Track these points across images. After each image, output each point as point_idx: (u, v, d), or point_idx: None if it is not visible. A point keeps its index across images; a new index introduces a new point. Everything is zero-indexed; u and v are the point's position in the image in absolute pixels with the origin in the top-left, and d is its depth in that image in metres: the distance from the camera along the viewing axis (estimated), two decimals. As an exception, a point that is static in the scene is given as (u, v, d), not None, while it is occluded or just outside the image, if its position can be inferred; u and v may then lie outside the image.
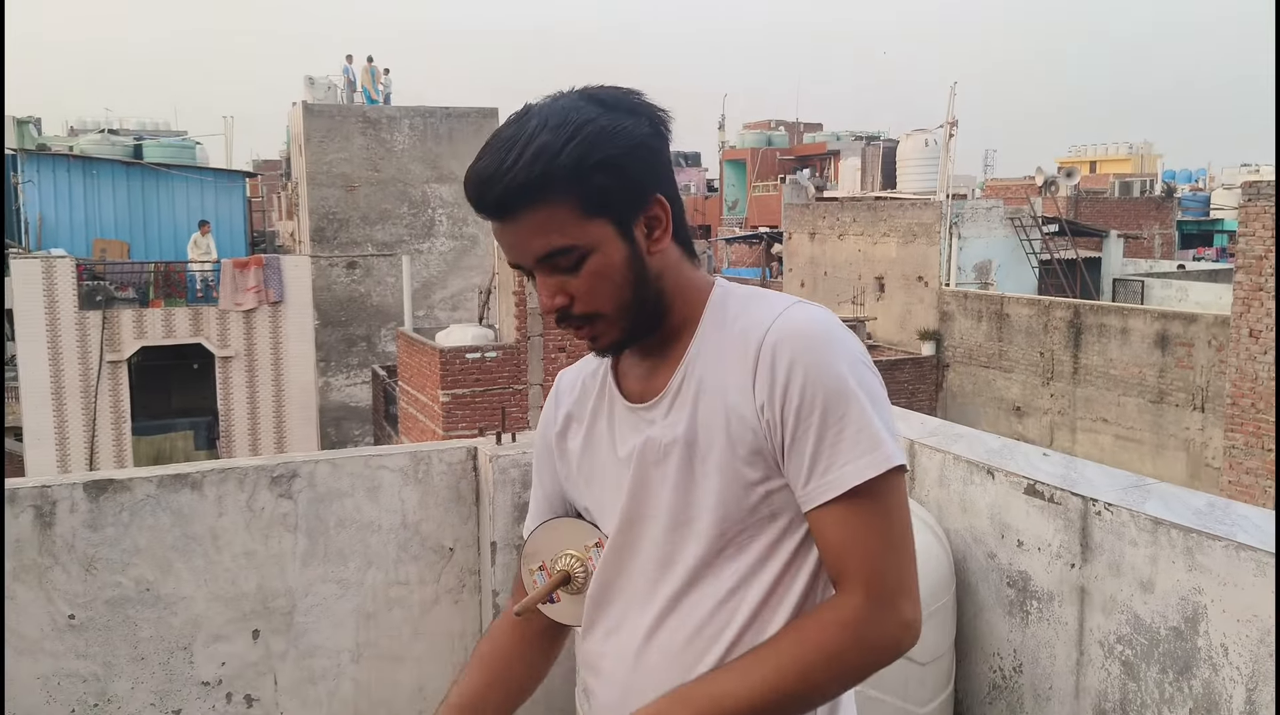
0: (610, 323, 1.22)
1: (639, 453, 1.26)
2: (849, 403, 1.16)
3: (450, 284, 23.68)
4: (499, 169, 1.15)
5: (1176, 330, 15.37)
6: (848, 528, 1.16)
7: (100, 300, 16.72)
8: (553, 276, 1.20)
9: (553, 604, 1.36)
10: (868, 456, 1.15)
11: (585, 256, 1.18)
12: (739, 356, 1.19)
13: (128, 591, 2.73)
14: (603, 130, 1.16)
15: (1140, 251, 28.17)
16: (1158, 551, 2.22)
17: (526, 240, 1.18)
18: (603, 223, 1.18)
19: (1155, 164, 47.80)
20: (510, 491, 2.99)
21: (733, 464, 1.20)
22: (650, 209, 1.21)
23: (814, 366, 1.16)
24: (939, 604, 2.58)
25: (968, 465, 2.74)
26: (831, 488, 1.16)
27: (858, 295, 21.10)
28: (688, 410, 1.22)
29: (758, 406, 1.17)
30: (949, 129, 20.80)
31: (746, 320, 1.21)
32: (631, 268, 1.20)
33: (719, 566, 1.22)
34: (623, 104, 1.20)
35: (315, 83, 23.96)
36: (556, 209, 1.16)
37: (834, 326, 1.20)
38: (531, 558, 1.39)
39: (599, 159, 1.15)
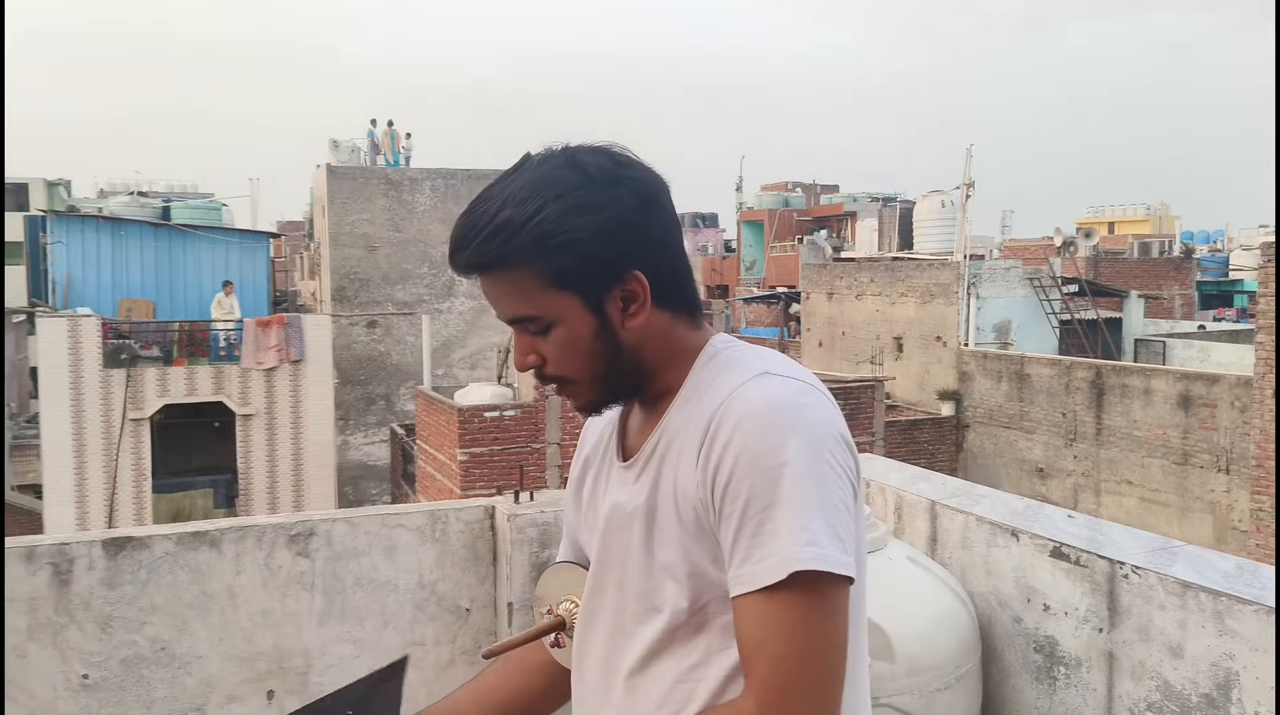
0: (582, 387, 1.22)
1: (608, 515, 1.26)
2: (781, 492, 1.07)
3: (469, 343, 23.81)
4: (465, 235, 1.16)
5: (1200, 391, 15.24)
6: (757, 627, 1.08)
7: (125, 358, 16.88)
8: (525, 336, 1.20)
9: (558, 648, 1.37)
10: (792, 551, 1.06)
11: (550, 326, 1.18)
12: (696, 428, 1.15)
13: (143, 651, 2.71)
14: (570, 210, 1.14)
15: (1161, 312, 28.06)
16: (1187, 616, 2.18)
17: (496, 300, 1.19)
18: (569, 295, 1.16)
19: (1173, 225, 47.88)
20: (528, 551, 2.97)
21: (684, 540, 1.16)
22: (626, 285, 1.17)
23: (750, 448, 1.09)
24: (964, 669, 2.52)
25: (991, 527, 2.70)
26: (744, 581, 1.09)
27: (876, 355, 21.07)
28: (651, 478, 1.20)
29: (698, 482, 1.13)
30: (965, 190, 20.92)
31: (713, 389, 1.17)
32: (601, 341, 1.18)
33: (676, 645, 1.19)
34: (606, 175, 1.16)
35: (339, 146, 24.40)
36: (520, 278, 1.16)
37: (794, 404, 1.12)
38: (540, 601, 1.41)
39: (561, 241, 1.13)
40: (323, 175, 23.52)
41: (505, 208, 1.14)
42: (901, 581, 2.56)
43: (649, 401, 1.25)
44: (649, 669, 1.20)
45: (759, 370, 1.15)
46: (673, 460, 1.18)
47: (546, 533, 3.00)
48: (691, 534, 1.15)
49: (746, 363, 1.18)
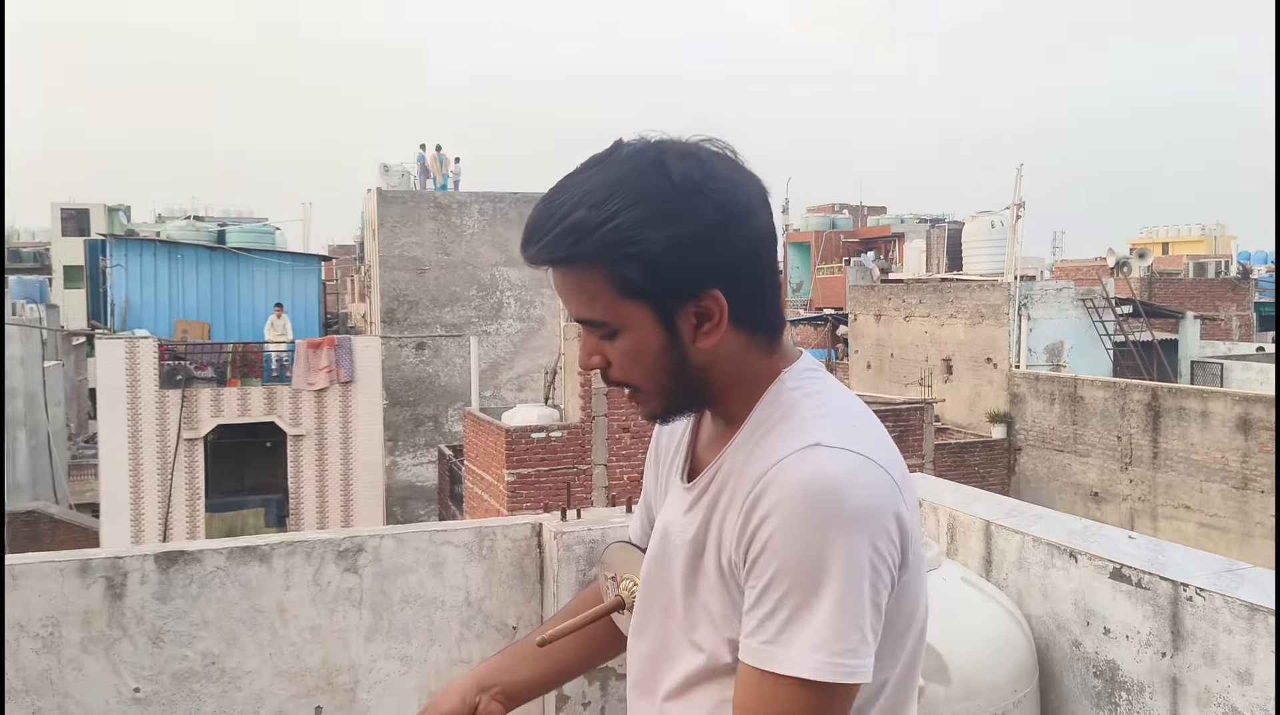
0: (647, 396, 1.17)
1: (662, 535, 1.24)
2: (811, 587, 1.02)
3: (517, 365, 23.95)
4: (537, 229, 1.11)
5: (1259, 414, 14.86)
6: (752, 697, 1.06)
7: (180, 379, 17.20)
8: (592, 337, 1.16)
9: (620, 615, 1.39)
10: (798, 654, 1.02)
11: (616, 333, 1.12)
12: (745, 483, 1.10)
13: (193, 665, 2.73)
14: (646, 219, 1.06)
15: (1217, 333, 27.47)
16: (1255, 640, 2.10)
17: (566, 296, 1.14)
18: (638, 305, 1.10)
19: (1229, 245, 46.86)
20: (575, 569, 2.95)
21: (720, 586, 1.14)
22: (701, 302, 1.10)
23: (786, 531, 1.03)
24: (1022, 694, 2.46)
25: (1048, 548, 2.64)
26: (749, 653, 1.06)
27: (925, 377, 20.83)
28: (702, 516, 1.17)
29: (734, 542, 1.10)
30: (1015, 210, 20.68)
31: (768, 442, 1.11)
32: (668, 355, 1.12)
33: (713, 679, 1.17)
34: (690, 183, 1.08)
35: (390, 170, 24.76)
36: (589, 281, 1.10)
37: (846, 487, 1.03)
38: (608, 566, 1.42)
39: (631, 252, 1.07)
40: (373, 199, 23.86)
41: (580, 207, 1.08)
42: (956, 603, 2.50)
43: (720, 419, 1.21)
44: (687, 696, 1.19)
45: (812, 440, 1.07)
46: (723, 506, 1.14)
47: (593, 551, 2.98)
48: (728, 586, 1.13)
49: (806, 420, 1.10)
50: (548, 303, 23.99)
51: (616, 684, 2.92)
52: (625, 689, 1.33)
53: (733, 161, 1.13)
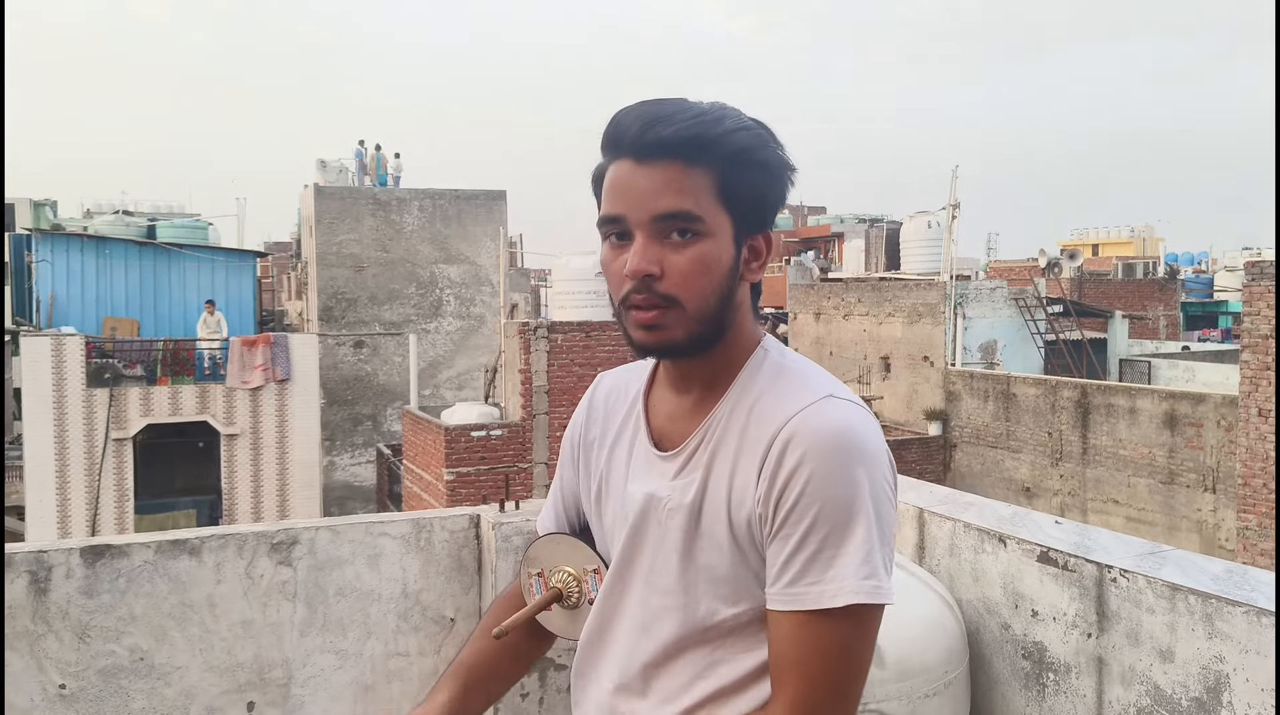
0: (681, 318, 1.15)
1: (643, 504, 1.23)
2: (849, 522, 1.09)
3: (457, 363, 23.77)
4: (677, 111, 1.13)
5: (1185, 410, 15.30)
6: (798, 645, 1.09)
7: (108, 378, 16.77)
8: (656, 243, 1.13)
9: (548, 613, 1.40)
10: (852, 583, 1.08)
11: (700, 236, 1.14)
12: (755, 439, 1.14)
13: (121, 661, 2.67)
14: (773, 139, 1.19)
15: (1145, 333, 28.22)
16: (1176, 619, 2.17)
17: (656, 193, 1.12)
18: (727, 217, 1.15)
19: (1157, 247, 48.17)
20: (513, 560, 2.94)
21: (730, 547, 1.15)
22: (757, 239, 1.19)
23: (824, 474, 1.09)
24: (952, 676, 2.50)
25: (979, 533, 2.69)
26: (793, 599, 1.10)
27: (863, 375, 21.10)
28: (699, 477, 1.18)
29: (757, 496, 1.12)
30: (951, 211, 21.04)
31: (772, 399, 1.16)
32: (729, 276, 1.17)
33: (700, 645, 1.18)
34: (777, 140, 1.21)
35: (327, 165, 24.41)
36: (698, 177, 1.13)
37: (863, 433, 1.12)
38: (532, 563, 1.41)
39: (760, 158, 1.16)
40: (310, 195, 23.51)
41: (723, 110, 1.16)
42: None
43: (689, 386, 1.23)
44: (670, 664, 1.20)
45: (824, 392, 1.14)
46: (725, 465, 1.16)
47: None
48: (740, 544, 1.15)
49: (807, 378, 1.18)
50: (487, 301, 23.84)
51: (555, 674, 2.91)
52: (563, 680, 1.34)
53: None
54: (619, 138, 1.14)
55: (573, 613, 1.38)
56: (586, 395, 1.40)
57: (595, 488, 1.34)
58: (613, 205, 1.15)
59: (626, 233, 1.15)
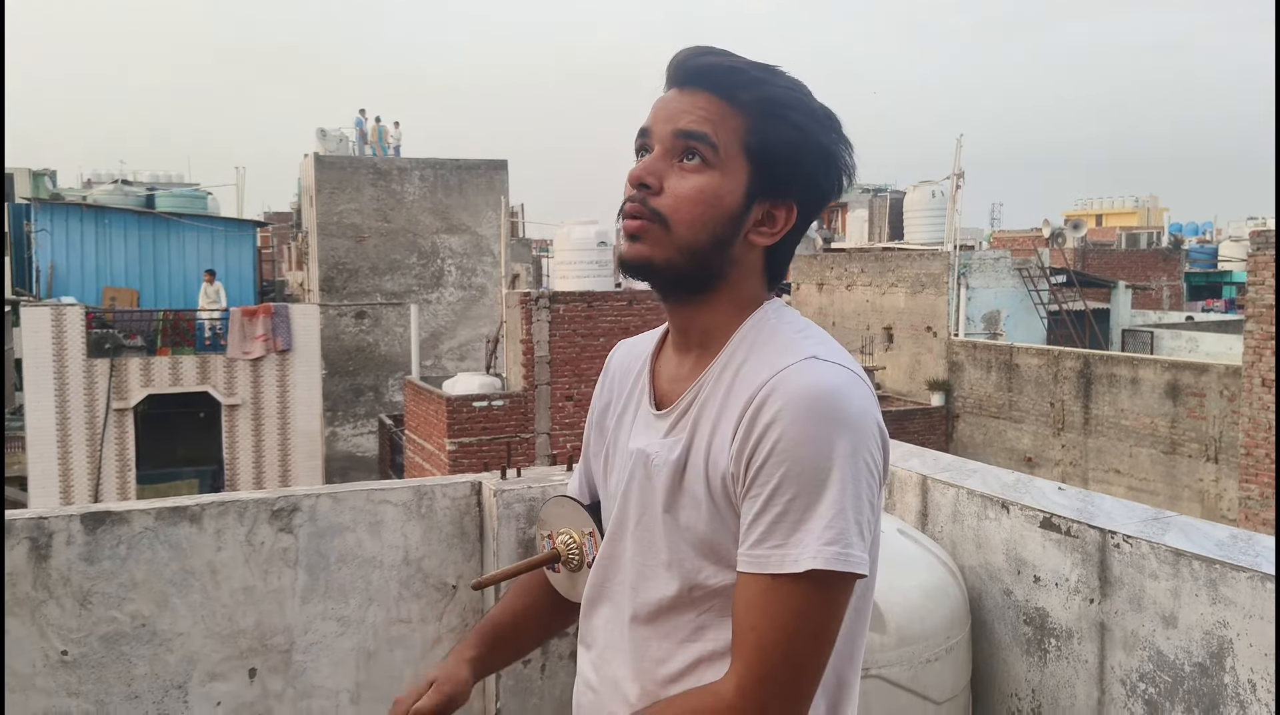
0: (664, 239, 1.15)
1: (635, 460, 1.23)
2: (819, 485, 1.05)
3: (459, 334, 23.74)
4: (727, 55, 1.16)
5: (1187, 380, 15.27)
6: (758, 609, 1.07)
7: (108, 348, 16.76)
8: (666, 160, 1.16)
9: (554, 574, 1.42)
10: (814, 548, 1.04)
11: (710, 167, 1.14)
12: (736, 398, 1.12)
13: (123, 627, 2.67)
14: (819, 111, 1.17)
15: (1148, 303, 28.15)
16: (1180, 584, 2.16)
17: (684, 112, 1.16)
18: (746, 166, 1.15)
19: (1161, 217, 47.97)
20: (514, 527, 2.94)
21: (708, 506, 1.14)
22: (780, 204, 1.17)
23: (791, 434, 1.06)
24: (954, 641, 2.50)
25: (982, 500, 2.68)
26: (756, 562, 1.07)
27: (866, 345, 21.07)
28: (685, 436, 1.17)
29: (730, 454, 1.11)
30: (955, 180, 20.92)
31: (758, 360, 1.14)
32: (726, 221, 1.15)
33: (687, 606, 1.18)
34: (840, 132, 1.20)
35: (327, 135, 24.28)
36: (730, 117, 1.15)
37: (845, 395, 1.08)
38: (543, 525, 1.44)
39: (795, 119, 1.15)
40: (310, 165, 23.39)
41: (777, 68, 1.17)
42: (892, 554, 2.53)
43: (688, 344, 1.23)
44: (658, 622, 1.19)
45: (808, 353, 1.12)
46: (708, 423, 1.15)
47: (534, 509, 2.96)
48: (717, 503, 1.14)
49: (794, 339, 1.16)
50: (489, 271, 23.78)
51: (557, 641, 2.92)
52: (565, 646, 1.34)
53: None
54: (671, 67, 1.18)
55: (574, 575, 1.38)
56: (605, 367, 1.42)
57: (604, 451, 1.34)
58: (648, 119, 1.19)
59: (649, 147, 1.18)
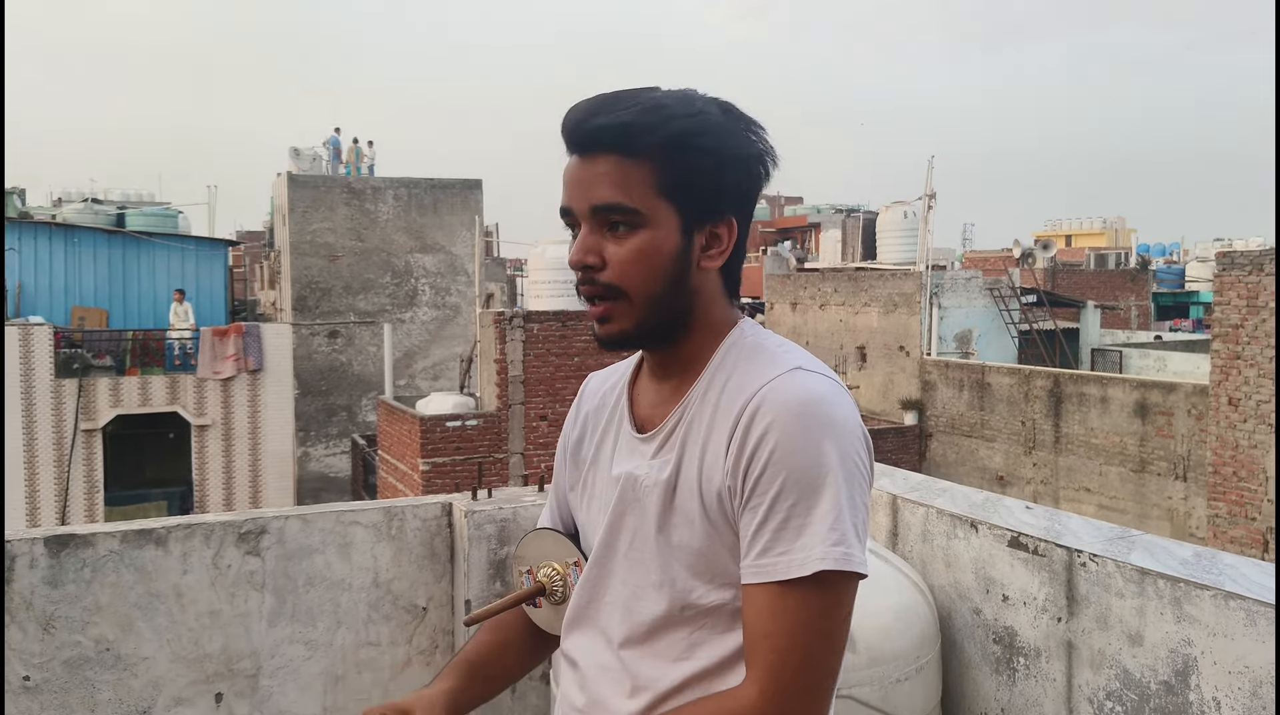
0: (628, 308, 1.17)
1: (622, 484, 1.23)
2: (817, 489, 1.08)
3: (432, 353, 23.64)
4: (611, 105, 1.14)
5: (1156, 399, 15.44)
6: (770, 617, 1.08)
7: (77, 368, 16.57)
8: (597, 233, 1.16)
9: (535, 608, 1.39)
10: (820, 550, 1.07)
11: (638, 227, 1.14)
12: (726, 413, 1.14)
13: (87, 652, 2.63)
14: (719, 126, 1.15)
15: (1117, 323, 28.47)
16: (1145, 603, 2.18)
17: (593, 184, 1.15)
18: (671, 208, 1.15)
19: (1129, 238, 48.57)
20: (486, 548, 2.92)
21: (703, 525, 1.15)
22: (718, 225, 1.17)
23: (786, 444, 1.08)
24: (924, 661, 2.51)
25: (951, 519, 2.69)
26: (763, 571, 1.09)
27: (840, 364, 21.17)
28: (674, 456, 1.18)
29: (726, 468, 1.12)
30: (927, 201, 21.13)
31: (744, 375, 1.16)
32: (675, 265, 1.16)
33: (679, 625, 1.18)
34: (744, 122, 1.18)
35: (300, 154, 24.18)
36: (636, 170, 1.13)
37: (831, 403, 1.12)
38: (521, 561, 1.42)
39: (702, 144, 1.14)
40: (283, 183, 23.28)
41: (664, 99, 1.14)
42: (862, 574, 2.54)
43: (668, 373, 1.24)
44: (650, 642, 1.19)
45: (793, 364, 1.14)
46: (697, 442, 1.16)
47: (505, 530, 2.95)
48: (712, 520, 1.14)
49: (777, 354, 1.18)
50: (463, 291, 23.73)
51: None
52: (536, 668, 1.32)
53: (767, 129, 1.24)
54: (565, 133, 1.17)
55: (558, 608, 1.37)
56: (576, 398, 1.42)
57: (581, 481, 1.34)
58: (563, 198, 1.18)
59: (576, 224, 1.18)
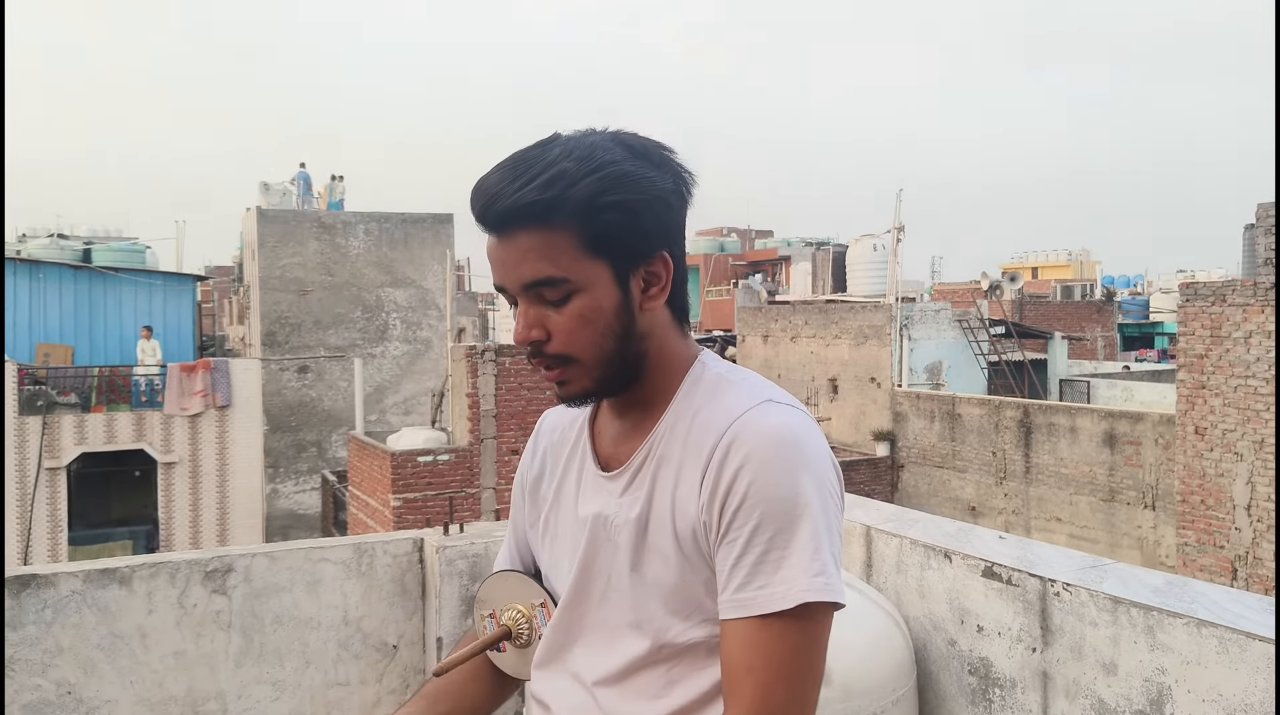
0: (583, 370, 1.16)
1: (592, 525, 1.21)
2: (794, 522, 1.07)
3: (403, 388, 23.49)
4: (510, 184, 1.11)
5: (1124, 429, 15.59)
6: (752, 651, 1.07)
7: (41, 405, 16.32)
8: (535, 307, 1.14)
9: (499, 653, 1.35)
10: (803, 582, 1.06)
11: (573, 294, 1.13)
12: (697, 448, 1.13)
13: (47, 695, 2.56)
14: (626, 174, 1.12)
15: (1084, 353, 28.80)
16: (1119, 631, 2.18)
17: (518, 263, 1.12)
18: (601, 264, 1.13)
19: (1094, 270, 49.28)
20: (458, 584, 2.89)
21: (678, 561, 1.14)
22: (653, 264, 1.16)
23: (765, 475, 1.08)
24: (900, 693, 2.50)
25: (925, 549, 2.69)
26: (742, 606, 1.08)
27: (811, 396, 21.24)
28: (644, 493, 1.17)
29: (701, 503, 1.11)
30: (896, 234, 21.34)
31: (712, 409, 1.15)
32: (619, 318, 1.15)
33: (657, 663, 1.16)
34: (651, 155, 1.16)
35: (270, 188, 24.10)
36: (557, 237, 1.11)
37: (804, 434, 1.12)
38: (483, 605, 1.39)
39: (614, 199, 1.11)
40: (253, 218, 23.18)
41: (562, 160, 1.11)
42: (837, 606, 2.53)
43: (629, 409, 1.22)
44: (626, 683, 1.17)
45: (763, 397, 1.14)
46: (668, 478, 1.15)
47: (477, 565, 2.92)
48: (687, 555, 1.13)
49: (745, 387, 1.17)
50: (434, 325, 23.65)
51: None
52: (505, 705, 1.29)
53: (674, 150, 1.21)
54: (475, 218, 1.15)
55: (524, 651, 1.34)
56: (532, 436, 1.40)
57: (542, 521, 1.32)
58: (494, 277, 1.17)
59: (514, 299, 1.17)
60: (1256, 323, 11.61)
